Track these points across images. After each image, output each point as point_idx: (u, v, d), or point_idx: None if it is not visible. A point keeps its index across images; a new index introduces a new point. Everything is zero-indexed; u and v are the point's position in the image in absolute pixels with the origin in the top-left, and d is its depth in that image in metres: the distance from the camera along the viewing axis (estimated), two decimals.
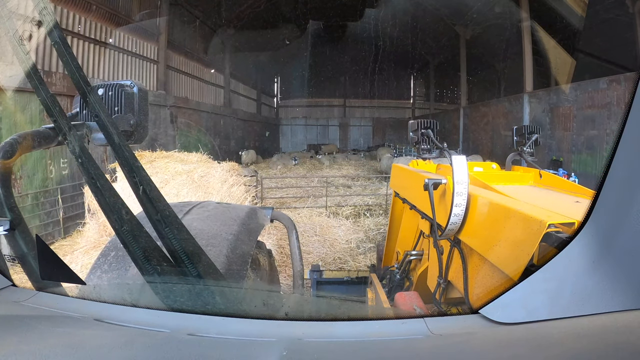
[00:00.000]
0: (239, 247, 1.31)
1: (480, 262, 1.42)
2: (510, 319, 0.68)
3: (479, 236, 1.39)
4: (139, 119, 0.95)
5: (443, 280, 1.70)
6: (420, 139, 1.76)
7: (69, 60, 0.79)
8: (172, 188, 5.67)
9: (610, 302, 0.60)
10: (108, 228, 5.16)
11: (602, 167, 0.67)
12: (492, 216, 1.32)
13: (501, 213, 1.26)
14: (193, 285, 0.83)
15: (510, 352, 0.61)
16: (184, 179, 5.79)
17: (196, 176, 5.94)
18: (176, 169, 6.06)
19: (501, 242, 1.21)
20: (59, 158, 6.82)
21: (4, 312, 0.76)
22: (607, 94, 9.47)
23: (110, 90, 0.93)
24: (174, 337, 0.70)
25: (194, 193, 5.59)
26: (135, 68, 11.61)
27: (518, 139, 2.11)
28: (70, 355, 0.60)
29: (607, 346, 0.54)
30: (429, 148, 1.76)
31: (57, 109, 0.81)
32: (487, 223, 1.35)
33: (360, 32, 20.08)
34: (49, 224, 6.71)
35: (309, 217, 8.05)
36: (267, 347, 0.66)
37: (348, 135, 26.83)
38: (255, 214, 1.65)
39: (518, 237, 1.11)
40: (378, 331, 0.72)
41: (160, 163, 6.25)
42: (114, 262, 1.21)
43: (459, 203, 1.38)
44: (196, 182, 5.82)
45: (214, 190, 5.75)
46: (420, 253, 2.20)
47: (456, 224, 1.42)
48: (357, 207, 9.02)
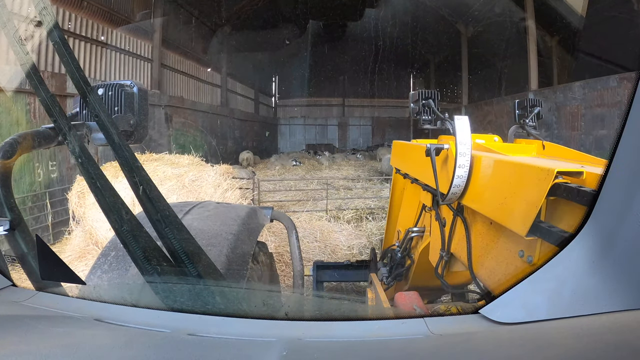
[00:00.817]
0: (239, 247, 1.31)
1: (484, 230, 1.39)
2: (510, 319, 0.68)
3: (483, 197, 1.33)
4: (138, 119, 0.95)
5: (446, 253, 1.68)
6: (421, 110, 1.71)
7: (69, 61, 0.79)
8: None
9: (611, 302, 0.60)
10: (94, 236, 4.97)
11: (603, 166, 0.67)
12: (497, 174, 1.27)
13: (507, 168, 1.21)
14: (193, 285, 0.83)
15: (510, 352, 0.61)
16: (173, 184, 5.38)
17: (187, 180, 5.53)
18: (165, 172, 5.64)
19: (507, 199, 1.16)
20: (47, 161, 6.54)
21: (4, 312, 0.76)
22: (617, 92, 9.27)
23: (110, 90, 0.93)
24: (174, 337, 0.70)
25: (184, 199, 5.14)
26: (128, 66, 11.37)
27: (520, 112, 2.08)
28: (70, 355, 0.60)
29: (607, 346, 0.55)
30: (431, 119, 1.71)
31: (57, 109, 0.81)
32: (492, 182, 1.30)
33: (360, 32, 20.05)
34: (37, 230, 6.30)
35: (308, 222, 7.68)
36: (267, 347, 0.66)
37: (347, 134, 26.76)
38: (255, 214, 1.65)
39: (525, 190, 1.06)
40: (378, 331, 0.72)
41: (149, 166, 5.78)
42: (114, 262, 1.21)
43: (462, 164, 1.33)
44: (187, 187, 5.42)
45: (206, 195, 5.37)
46: (421, 229, 2.17)
47: (459, 186, 1.37)
48: (359, 210, 8.69)
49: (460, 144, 1.33)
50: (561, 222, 0.99)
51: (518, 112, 2.09)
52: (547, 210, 1.02)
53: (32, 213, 6.33)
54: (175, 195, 5.20)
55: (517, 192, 1.10)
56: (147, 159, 6.30)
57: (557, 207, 1.02)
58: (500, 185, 1.23)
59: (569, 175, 0.97)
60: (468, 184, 1.38)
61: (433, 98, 1.71)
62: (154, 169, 5.74)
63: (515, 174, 1.15)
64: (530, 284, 0.71)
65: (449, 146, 1.50)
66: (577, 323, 0.61)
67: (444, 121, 1.66)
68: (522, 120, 2.04)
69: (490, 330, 0.68)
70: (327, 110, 27.22)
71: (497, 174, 1.27)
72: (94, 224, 4.96)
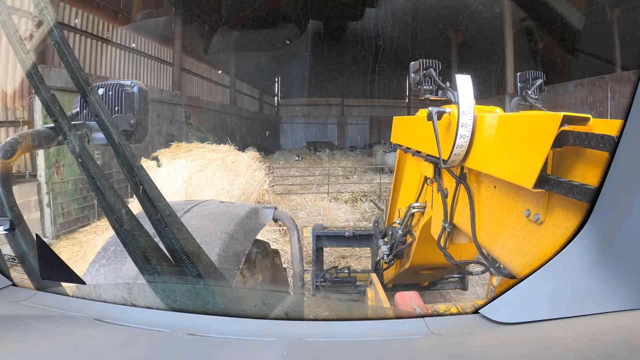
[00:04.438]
0: (233, 246, 1.31)
1: (488, 195, 1.36)
2: (510, 318, 0.68)
3: (487, 156, 1.29)
4: (139, 119, 0.95)
5: (448, 224, 1.66)
6: (422, 80, 1.66)
7: (70, 60, 0.79)
8: (210, 171, 6.86)
9: (611, 302, 0.60)
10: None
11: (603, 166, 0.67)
12: (501, 130, 1.22)
13: (511, 122, 1.17)
14: (193, 285, 0.83)
15: (510, 352, 0.61)
16: (218, 164, 7.08)
17: (228, 161, 7.24)
18: (211, 155, 7.37)
19: (513, 153, 1.11)
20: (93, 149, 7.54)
21: (4, 312, 0.76)
22: (574, 95, 10.55)
23: (110, 90, 0.93)
24: (174, 336, 0.70)
25: (226, 175, 6.91)
26: (153, 70, 12.76)
27: (522, 84, 2.06)
28: (70, 355, 0.60)
29: (607, 346, 0.54)
30: (432, 89, 1.66)
31: (57, 108, 0.81)
32: (496, 139, 1.25)
33: (360, 33, 20.18)
34: (85, 207, 7.62)
35: (313, 202, 9.41)
36: (267, 347, 0.66)
37: (346, 133, 27.13)
38: (256, 214, 1.65)
39: (531, 140, 1.01)
40: (378, 331, 0.72)
41: (197, 152, 7.56)
42: (112, 256, 1.22)
43: (464, 123, 1.29)
44: (228, 166, 7.06)
45: (241, 173, 7.06)
46: (423, 205, 2.15)
47: (462, 147, 1.33)
48: (355, 193, 10.14)
49: (462, 102, 1.29)
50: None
51: (520, 84, 2.06)
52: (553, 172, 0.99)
53: (82, 193, 7.53)
54: (221, 172, 6.88)
55: (523, 143, 1.05)
56: (194, 146, 7.95)
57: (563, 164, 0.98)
58: (505, 140, 1.19)
59: (576, 124, 0.92)
60: (471, 145, 1.33)
61: (434, 67, 1.67)
62: (202, 154, 7.42)
63: (521, 127, 1.10)
64: (530, 284, 0.71)
65: (451, 110, 1.46)
66: (577, 323, 0.61)
67: (445, 90, 1.61)
68: (525, 92, 2.01)
69: (490, 330, 0.68)
70: (327, 110, 27.67)
71: (501, 131, 1.23)
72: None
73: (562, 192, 0.90)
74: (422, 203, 2.16)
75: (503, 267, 1.33)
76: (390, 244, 2.54)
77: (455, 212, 1.64)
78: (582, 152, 0.92)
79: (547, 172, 0.98)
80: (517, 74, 2.06)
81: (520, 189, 1.14)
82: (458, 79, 1.32)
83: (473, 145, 1.35)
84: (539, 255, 0.98)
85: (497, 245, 1.29)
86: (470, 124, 1.31)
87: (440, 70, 1.66)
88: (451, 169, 1.57)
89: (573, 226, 0.70)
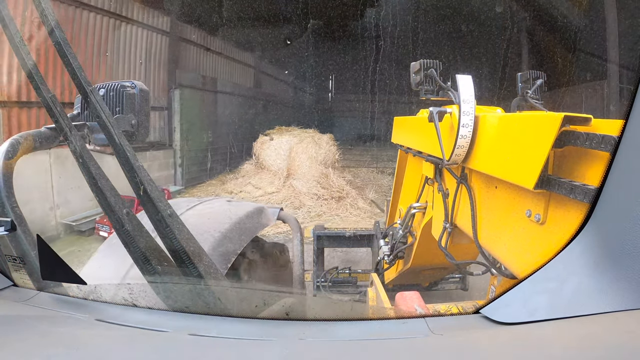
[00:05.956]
0: (224, 245, 1.30)
1: (488, 195, 1.36)
2: (510, 318, 0.68)
3: (488, 156, 1.29)
4: (140, 119, 0.95)
5: (449, 225, 1.66)
6: (422, 80, 1.65)
7: (70, 61, 0.79)
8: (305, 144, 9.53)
9: (611, 302, 0.60)
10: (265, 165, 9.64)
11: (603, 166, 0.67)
12: (502, 130, 1.23)
13: (512, 123, 1.18)
14: (194, 285, 0.83)
15: (511, 352, 0.61)
16: (309, 140, 9.80)
17: (315, 138, 9.93)
18: (304, 135, 10.11)
19: (513, 153, 1.12)
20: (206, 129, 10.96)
21: (5, 312, 0.76)
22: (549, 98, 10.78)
23: (111, 91, 0.93)
24: (175, 337, 0.70)
25: (314, 147, 9.52)
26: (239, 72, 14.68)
27: (523, 85, 2.05)
28: (71, 355, 0.60)
29: (607, 346, 0.54)
30: (433, 89, 1.65)
31: (58, 109, 0.81)
32: (497, 139, 1.26)
33: (360, 33, 20.22)
34: (202, 170, 10.47)
35: (365, 173, 11.78)
36: (268, 347, 0.66)
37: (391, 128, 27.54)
38: (258, 214, 1.65)
39: (532, 140, 1.01)
40: (378, 331, 0.72)
41: (295, 132, 10.38)
42: (112, 256, 1.22)
43: (465, 123, 1.30)
44: (316, 142, 9.69)
45: (322, 147, 9.69)
46: (423, 205, 2.14)
47: (463, 147, 1.34)
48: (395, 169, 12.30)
49: (464, 102, 1.29)
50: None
51: (521, 84, 2.06)
52: (554, 173, 0.99)
53: (200, 160, 10.43)
54: (310, 145, 9.55)
55: (524, 144, 1.06)
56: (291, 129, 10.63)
57: (564, 165, 0.99)
58: (506, 141, 1.19)
59: (577, 124, 0.92)
60: (472, 146, 1.34)
61: (435, 68, 1.66)
62: (297, 133, 10.21)
63: (521, 127, 1.11)
64: (530, 284, 0.71)
65: (452, 110, 1.46)
66: (577, 323, 0.61)
67: (446, 91, 1.60)
68: (525, 92, 2.01)
69: (490, 330, 0.68)
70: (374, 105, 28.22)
71: (502, 131, 1.23)
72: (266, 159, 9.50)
73: (563, 193, 0.90)
74: (423, 203, 2.16)
75: (504, 268, 1.34)
76: (391, 245, 2.54)
77: (456, 213, 1.64)
78: (583, 153, 0.93)
79: (548, 173, 0.98)
80: (517, 74, 2.06)
81: (521, 190, 1.14)
82: (459, 78, 1.32)
83: (474, 146, 1.35)
84: (539, 255, 0.98)
85: (498, 246, 1.29)
86: (471, 124, 1.32)
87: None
88: (452, 169, 1.57)
89: (574, 226, 0.70)
